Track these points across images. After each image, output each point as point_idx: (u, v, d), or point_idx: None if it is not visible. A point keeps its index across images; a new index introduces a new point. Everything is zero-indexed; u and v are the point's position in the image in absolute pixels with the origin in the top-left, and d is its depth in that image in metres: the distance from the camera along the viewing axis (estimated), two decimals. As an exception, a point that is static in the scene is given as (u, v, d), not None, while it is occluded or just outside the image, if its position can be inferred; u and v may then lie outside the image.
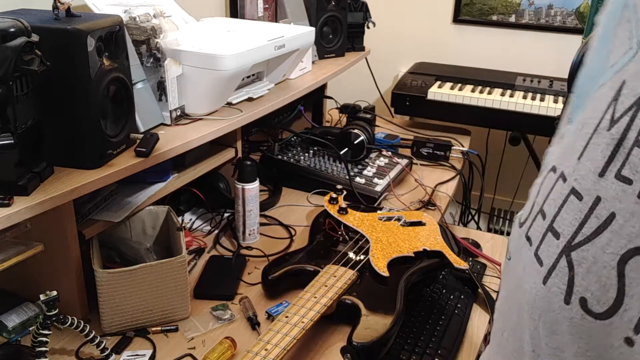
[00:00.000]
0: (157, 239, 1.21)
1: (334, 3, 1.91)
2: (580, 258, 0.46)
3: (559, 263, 0.47)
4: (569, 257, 0.47)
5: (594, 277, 0.45)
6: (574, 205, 0.47)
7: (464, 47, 2.45)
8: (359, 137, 1.67)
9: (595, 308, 0.45)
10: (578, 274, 0.46)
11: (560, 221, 0.48)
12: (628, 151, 0.43)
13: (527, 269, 0.51)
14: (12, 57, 0.81)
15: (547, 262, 0.49)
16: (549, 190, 0.51)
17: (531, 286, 0.50)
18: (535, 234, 0.51)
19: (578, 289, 0.46)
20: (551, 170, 0.52)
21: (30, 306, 1.03)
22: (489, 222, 2.67)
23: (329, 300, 1.01)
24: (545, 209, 0.50)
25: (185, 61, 1.21)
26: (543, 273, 0.49)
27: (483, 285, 1.20)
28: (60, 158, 0.98)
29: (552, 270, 0.48)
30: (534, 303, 0.50)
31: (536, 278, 0.49)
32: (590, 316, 0.45)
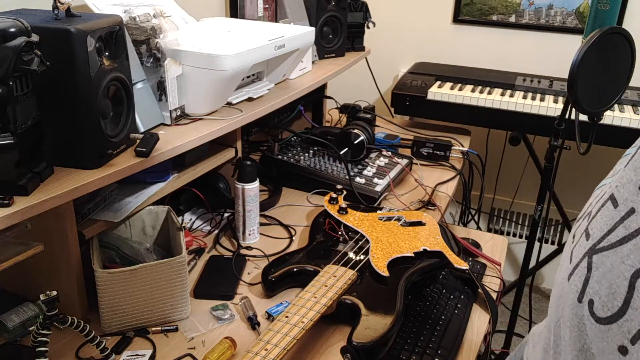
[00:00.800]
0: (157, 239, 1.21)
1: (334, 3, 1.91)
2: (599, 262, 0.46)
3: (581, 263, 0.49)
4: (591, 259, 0.48)
5: (606, 283, 0.45)
6: (608, 211, 0.47)
7: (464, 47, 2.45)
8: (359, 137, 1.67)
9: (599, 312, 0.45)
10: (594, 276, 0.47)
11: (594, 224, 0.49)
12: None
13: (563, 263, 0.53)
14: (12, 57, 0.81)
15: (575, 260, 0.50)
16: (598, 197, 0.52)
17: (560, 280, 0.52)
18: (578, 233, 0.52)
19: (589, 291, 0.47)
20: (608, 178, 0.53)
21: (30, 306, 1.03)
22: (489, 222, 2.67)
23: (329, 300, 1.01)
24: (591, 211, 0.51)
25: (185, 61, 1.21)
26: (569, 270, 0.50)
27: (483, 285, 1.20)
28: (60, 158, 0.98)
29: (575, 268, 0.49)
30: (559, 297, 0.52)
31: (565, 273, 0.51)
32: (592, 318, 0.46)
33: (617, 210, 0.46)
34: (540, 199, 1.85)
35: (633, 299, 0.43)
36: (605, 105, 1.36)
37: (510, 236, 2.67)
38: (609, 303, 0.44)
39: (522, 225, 2.63)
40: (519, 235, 2.66)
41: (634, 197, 0.45)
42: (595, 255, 0.47)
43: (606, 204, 0.48)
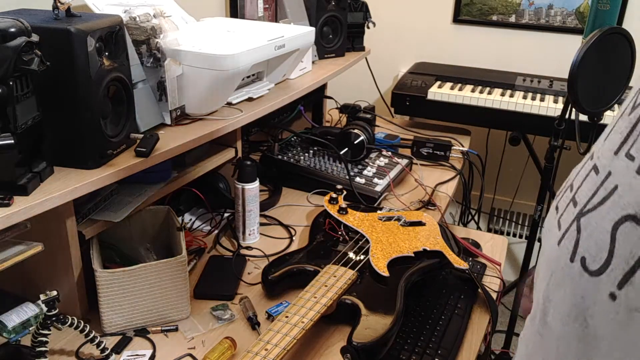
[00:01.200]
0: (157, 239, 1.21)
1: (334, 3, 1.91)
2: (586, 223, 0.53)
3: (570, 227, 0.55)
4: (579, 222, 0.54)
5: (593, 240, 0.52)
6: (591, 179, 0.55)
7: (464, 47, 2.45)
8: (359, 137, 1.67)
9: (591, 266, 0.52)
10: (582, 236, 0.53)
11: (580, 192, 0.56)
12: (639, 133, 0.50)
13: (549, 233, 0.59)
14: (12, 57, 0.81)
15: (564, 226, 0.56)
16: (581, 168, 0.59)
17: (549, 247, 0.58)
18: (562, 204, 0.59)
19: (580, 250, 0.53)
20: (589, 153, 0.59)
21: (30, 306, 1.03)
22: (489, 222, 2.67)
23: (329, 300, 1.01)
24: (574, 183, 0.58)
25: (185, 61, 1.21)
26: (559, 236, 0.56)
27: (483, 285, 1.20)
28: (61, 158, 0.98)
29: (565, 233, 0.55)
30: (548, 262, 0.58)
31: (554, 240, 0.57)
32: (586, 273, 0.52)
33: (598, 176, 0.53)
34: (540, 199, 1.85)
35: (615, 249, 0.49)
36: (605, 105, 1.36)
37: (510, 236, 2.67)
38: (597, 256, 0.50)
39: (522, 225, 2.63)
40: (519, 235, 2.66)
41: (610, 162, 0.52)
42: (582, 218, 0.53)
43: (589, 173, 0.55)
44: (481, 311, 1.15)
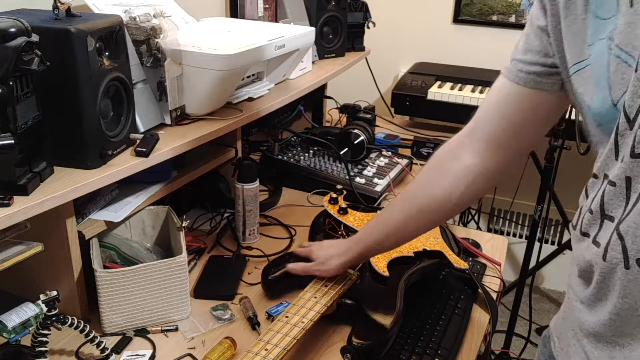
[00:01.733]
0: (157, 239, 1.21)
1: (334, 3, 1.91)
2: (626, 228, 0.57)
3: (611, 239, 0.59)
4: (618, 230, 0.58)
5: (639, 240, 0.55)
6: (612, 192, 0.59)
7: (464, 47, 2.45)
8: (359, 137, 1.67)
9: None
10: (627, 241, 0.57)
11: (609, 207, 0.60)
12: (635, 133, 0.55)
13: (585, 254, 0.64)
14: (12, 57, 0.81)
15: (602, 243, 0.60)
16: (590, 191, 0.64)
17: (598, 266, 0.61)
18: (586, 225, 0.64)
19: (632, 253, 0.57)
20: (592, 177, 0.64)
21: (30, 306, 1.03)
22: (489, 222, 2.67)
23: (329, 300, 1.01)
24: (592, 207, 0.63)
25: (185, 61, 1.21)
26: (601, 253, 0.60)
27: (483, 285, 1.20)
28: (61, 158, 0.98)
29: (607, 247, 0.59)
30: (601, 280, 0.61)
31: (597, 259, 0.61)
32: None
33: (616, 188, 0.59)
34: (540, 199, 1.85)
35: None
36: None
37: (510, 236, 2.67)
38: None
39: (522, 225, 2.63)
40: (519, 235, 2.66)
41: (620, 169, 0.58)
42: (620, 225, 0.58)
43: (606, 190, 0.61)
44: (481, 311, 1.15)
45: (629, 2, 0.58)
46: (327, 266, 1.04)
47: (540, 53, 0.73)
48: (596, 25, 0.62)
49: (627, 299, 0.59)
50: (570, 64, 0.67)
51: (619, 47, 0.59)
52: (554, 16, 0.68)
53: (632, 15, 0.57)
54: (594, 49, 0.62)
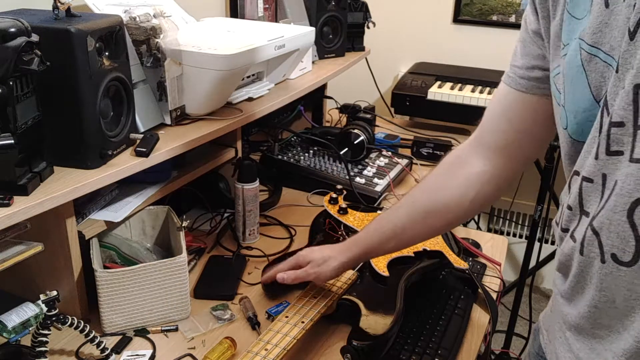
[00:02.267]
0: (157, 239, 1.21)
1: (334, 3, 1.91)
2: (599, 224, 0.58)
3: (586, 234, 0.60)
4: (592, 226, 0.59)
5: (614, 235, 0.57)
6: (589, 188, 0.60)
7: (464, 47, 2.45)
8: (359, 137, 1.67)
9: (624, 258, 0.56)
10: (603, 236, 0.58)
11: (586, 203, 0.61)
12: (607, 133, 0.56)
13: (565, 249, 0.65)
14: (12, 57, 0.81)
15: (579, 238, 0.61)
16: (568, 188, 0.65)
17: (575, 260, 0.63)
18: (567, 223, 0.64)
19: (607, 248, 0.58)
20: (575, 175, 0.64)
21: (30, 306, 1.03)
22: (489, 222, 2.67)
23: (329, 300, 1.01)
24: (571, 203, 0.64)
25: (185, 61, 1.21)
26: (578, 247, 0.61)
27: (483, 285, 1.20)
28: (61, 158, 0.98)
29: (583, 241, 0.61)
30: (579, 273, 0.62)
31: (575, 253, 0.62)
32: (623, 266, 0.57)
33: (594, 184, 0.60)
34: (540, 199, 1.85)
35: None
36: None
37: (510, 236, 2.67)
38: (626, 247, 0.57)
39: (522, 225, 2.63)
40: (519, 235, 2.66)
41: (597, 166, 0.59)
42: (594, 221, 0.60)
43: (582, 186, 0.62)
44: (481, 311, 1.15)
45: (603, 2, 0.58)
46: (324, 267, 0.98)
47: (537, 58, 0.73)
48: (572, 24, 0.63)
49: (605, 292, 0.60)
50: (552, 66, 0.68)
51: (593, 46, 0.59)
52: (545, 19, 0.69)
53: (607, 16, 0.57)
54: (569, 48, 0.63)
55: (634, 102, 0.54)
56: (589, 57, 0.60)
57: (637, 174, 0.54)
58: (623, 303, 0.59)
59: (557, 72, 0.66)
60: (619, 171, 0.56)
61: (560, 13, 0.65)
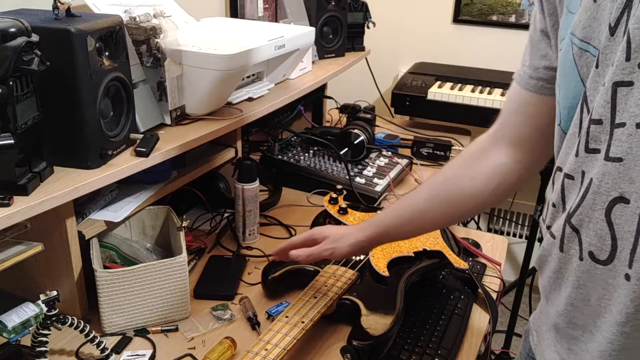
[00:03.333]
0: (157, 239, 1.21)
1: (334, 3, 1.91)
2: (578, 221, 0.58)
3: (565, 231, 0.60)
4: (570, 223, 0.59)
5: (593, 233, 0.57)
6: (569, 184, 0.60)
7: (464, 47, 2.45)
8: (359, 137, 1.67)
9: (601, 256, 0.57)
10: (582, 233, 0.58)
11: (567, 200, 0.61)
12: (586, 130, 0.57)
13: (545, 245, 0.65)
14: (12, 57, 0.81)
15: (557, 235, 0.62)
16: (551, 185, 0.65)
17: (553, 256, 0.63)
18: (549, 219, 0.65)
19: (585, 246, 0.58)
20: (558, 171, 0.64)
21: (30, 306, 1.03)
22: (489, 222, 2.67)
23: (329, 300, 1.01)
24: (554, 201, 0.63)
25: (185, 61, 1.21)
26: (557, 244, 0.62)
27: (483, 285, 1.20)
28: (61, 158, 0.98)
29: (562, 238, 0.61)
30: (557, 269, 0.63)
31: (555, 249, 0.63)
32: (600, 264, 0.57)
33: (574, 181, 0.60)
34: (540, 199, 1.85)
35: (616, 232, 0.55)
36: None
37: (510, 236, 2.67)
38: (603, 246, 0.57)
39: (522, 225, 2.63)
40: (519, 235, 2.66)
41: (577, 164, 0.59)
42: (572, 219, 0.59)
43: (564, 183, 0.62)
44: (481, 311, 1.15)
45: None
46: (340, 243, 0.97)
47: (544, 58, 0.73)
48: (567, 19, 0.63)
49: (581, 290, 0.60)
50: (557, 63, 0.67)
51: (584, 40, 0.59)
52: (551, 16, 0.68)
53: (595, 10, 0.57)
54: (564, 43, 0.63)
55: (612, 100, 0.54)
56: (579, 52, 0.59)
57: (614, 173, 0.54)
58: (597, 302, 0.59)
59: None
60: (595, 169, 0.56)
61: (561, 8, 0.65)
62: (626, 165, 0.53)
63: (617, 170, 0.54)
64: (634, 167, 0.53)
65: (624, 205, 0.54)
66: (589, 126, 0.56)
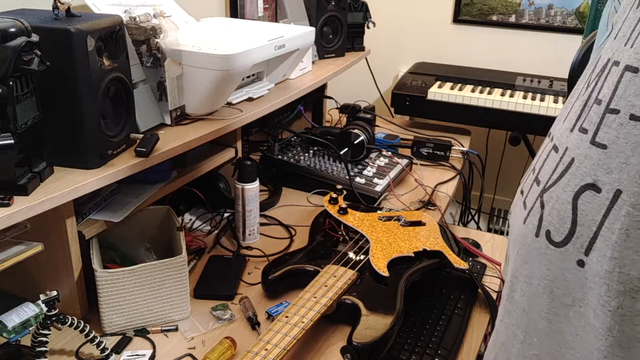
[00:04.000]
0: (157, 239, 1.21)
1: (334, 3, 1.91)
2: (548, 198, 0.57)
3: (535, 205, 0.59)
4: (542, 198, 0.58)
5: (555, 212, 0.56)
6: (551, 157, 0.58)
7: (464, 47, 2.45)
8: (359, 137, 1.67)
9: (556, 237, 0.55)
10: (546, 211, 0.57)
11: (542, 171, 0.59)
12: (590, 108, 0.54)
13: (516, 214, 0.63)
14: (12, 57, 0.81)
15: (529, 205, 0.60)
16: (542, 151, 0.63)
17: (516, 227, 0.62)
18: (526, 187, 0.63)
19: (544, 224, 0.57)
20: (549, 137, 0.62)
21: (30, 306, 1.03)
22: (489, 222, 2.67)
23: (329, 300, 1.01)
24: (536, 166, 0.62)
25: (185, 61, 1.21)
26: (524, 215, 0.60)
27: (483, 285, 1.20)
28: (61, 158, 0.98)
29: (530, 211, 0.59)
30: (515, 239, 0.62)
31: (519, 220, 0.61)
32: (552, 245, 0.56)
33: (557, 154, 0.57)
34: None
35: (578, 217, 0.53)
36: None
37: (510, 236, 2.67)
38: (560, 228, 0.54)
39: (522, 225, 2.63)
40: (519, 235, 2.66)
41: (567, 138, 0.56)
42: (544, 194, 0.57)
43: (550, 153, 0.59)
44: (481, 311, 1.15)
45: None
46: None
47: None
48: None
49: (527, 265, 0.60)
50: None
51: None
52: None
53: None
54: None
55: (617, 83, 0.52)
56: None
57: (595, 158, 0.52)
58: (537, 281, 0.58)
59: None
60: (579, 150, 0.54)
61: None
62: (608, 154, 0.51)
63: (599, 156, 0.52)
64: (615, 158, 0.51)
65: (594, 193, 0.52)
66: (593, 104, 0.54)
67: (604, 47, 0.56)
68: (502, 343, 0.64)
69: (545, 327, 0.58)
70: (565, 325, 0.56)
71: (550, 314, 0.57)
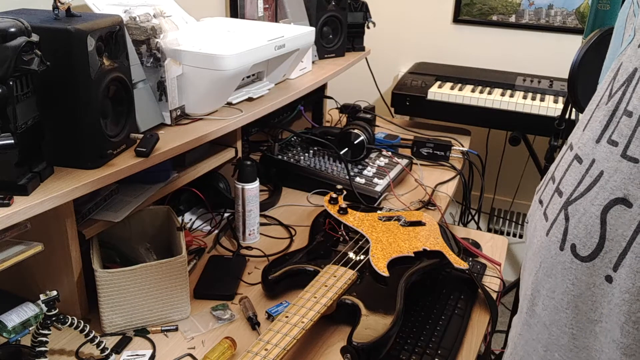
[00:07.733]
0: (157, 239, 1.21)
1: (334, 3, 1.91)
2: (574, 211, 0.56)
3: (558, 217, 0.57)
4: (567, 210, 0.57)
5: (582, 226, 0.54)
6: (575, 168, 0.57)
7: (464, 47, 2.45)
8: (359, 137, 1.67)
9: (582, 252, 0.54)
10: (571, 224, 0.56)
11: (564, 182, 0.58)
12: (618, 120, 0.52)
13: (537, 225, 0.62)
14: (12, 57, 0.81)
15: (551, 217, 0.59)
16: (560, 159, 0.62)
17: (538, 239, 0.61)
18: (546, 197, 0.62)
19: (570, 237, 0.55)
20: (567, 146, 0.61)
21: (30, 306, 1.03)
22: (489, 222, 2.67)
23: (329, 300, 1.01)
24: (555, 175, 0.61)
25: (185, 61, 1.21)
26: (547, 227, 0.59)
27: (483, 285, 1.20)
28: (60, 158, 0.98)
29: (553, 223, 0.58)
30: (537, 252, 0.60)
31: (542, 232, 0.60)
32: (577, 259, 0.54)
33: (582, 165, 0.56)
34: (540, 199, 1.84)
35: (607, 232, 0.51)
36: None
37: (510, 236, 2.67)
38: (587, 242, 0.53)
39: (522, 225, 2.63)
40: (519, 235, 2.66)
41: (593, 149, 0.54)
42: (570, 206, 0.55)
43: (572, 164, 0.58)
44: (481, 311, 1.15)
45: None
46: None
47: None
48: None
49: (551, 279, 0.58)
50: None
51: None
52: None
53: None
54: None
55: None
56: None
57: (626, 172, 0.51)
58: (561, 296, 0.57)
59: None
60: (609, 163, 0.53)
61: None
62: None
63: (630, 170, 0.51)
64: None
65: (625, 208, 0.51)
66: (622, 116, 0.52)
67: (626, 54, 0.54)
68: (521, 357, 0.63)
69: (569, 343, 0.57)
70: (590, 341, 0.55)
71: (575, 329, 0.56)
